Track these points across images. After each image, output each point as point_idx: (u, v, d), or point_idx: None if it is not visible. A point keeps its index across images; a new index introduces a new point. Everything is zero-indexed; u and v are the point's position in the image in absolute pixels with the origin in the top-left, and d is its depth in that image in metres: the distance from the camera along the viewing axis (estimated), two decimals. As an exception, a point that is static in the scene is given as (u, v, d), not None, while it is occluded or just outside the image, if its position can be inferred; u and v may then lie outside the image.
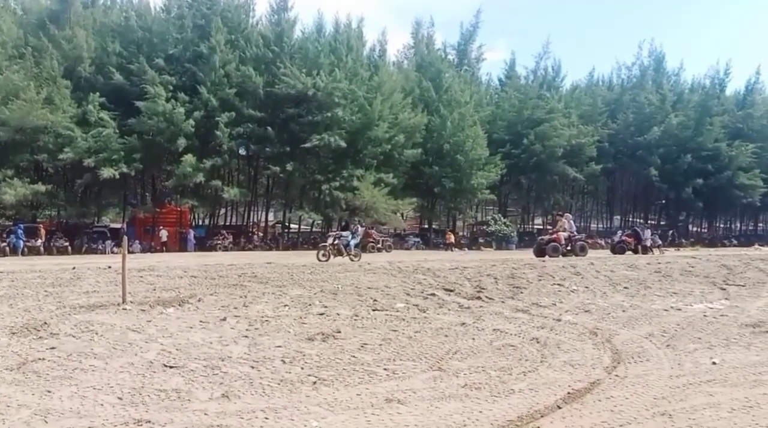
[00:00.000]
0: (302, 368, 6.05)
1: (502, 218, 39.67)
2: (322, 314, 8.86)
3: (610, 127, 43.20)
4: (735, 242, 43.41)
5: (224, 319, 8.24)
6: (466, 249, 35.98)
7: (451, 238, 36.08)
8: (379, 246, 30.81)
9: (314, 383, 5.54)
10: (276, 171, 32.65)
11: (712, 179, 42.65)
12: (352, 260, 18.20)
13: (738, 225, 53.79)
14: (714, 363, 6.69)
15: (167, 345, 6.80)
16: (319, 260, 18.04)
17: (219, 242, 31.66)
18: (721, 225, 52.36)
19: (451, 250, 32.96)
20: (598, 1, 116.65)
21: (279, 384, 5.49)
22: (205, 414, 4.66)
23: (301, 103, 32.28)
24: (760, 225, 54.49)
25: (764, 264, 15.93)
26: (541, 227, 41.01)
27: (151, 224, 32.86)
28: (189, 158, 29.61)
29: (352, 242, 19.80)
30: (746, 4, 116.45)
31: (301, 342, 7.18)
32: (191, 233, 32.42)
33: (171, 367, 5.93)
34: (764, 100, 50.36)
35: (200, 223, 38.65)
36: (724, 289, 12.63)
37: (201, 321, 8.10)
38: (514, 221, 43.76)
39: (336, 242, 19.58)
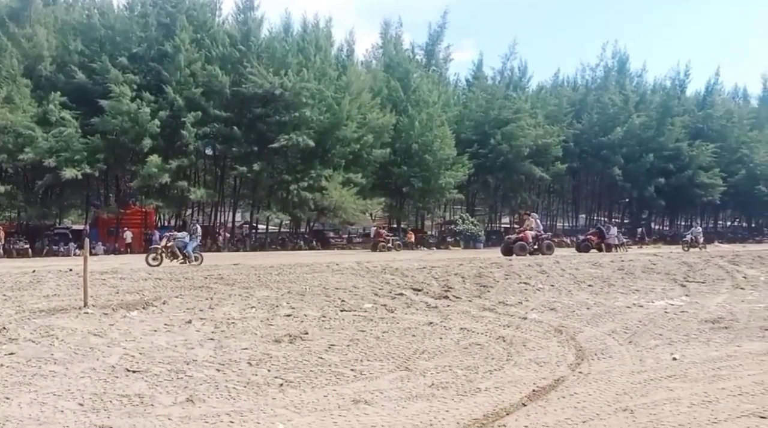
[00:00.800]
0: (269, 370, 6.01)
1: (469, 217, 39.99)
2: (289, 315, 8.81)
3: (575, 127, 43.89)
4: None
5: (189, 322, 8.13)
6: (434, 248, 36.18)
7: (412, 237, 36.15)
8: (389, 245, 31.21)
9: (281, 385, 5.51)
10: (243, 171, 32.37)
11: (674, 178, 43.65)
12: (189, 264, 16.13)
13: (698, 223, 55.08)
14: (674, 358, 6.84)
15: (130, 349, 6.68)
16: (149, 264, 15.94)
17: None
18: (683, 223, 53.55)
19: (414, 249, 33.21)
20: (563, 3, 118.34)
21: (245, 386, 5.44)
22: (169, 418, 4.59)
23: (268, 103, 32.07)
24: (720, 223, 55.92)
25: (723, 261, 16.36)
26: (509, 226, 41.41)
27: (115, 225, 32.27)
28: (154, 158, 29.16)
29: (191, 244, 17.12)
30: (706, 7, 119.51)
31: (267, 343, 7.12)
32: (157, 234, 31.88)
33: (134, 372, 5.82)
34: (723, 100, 51.77)
35: (166, 224, 38.06)
36: (685, 286, 12.93)
37: (165, 324, 7.98)
38: (482, 220, 44.17)
39: (170, 244, 16.91)
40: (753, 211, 52.11)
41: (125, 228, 31.25)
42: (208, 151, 35.10)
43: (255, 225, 38.94)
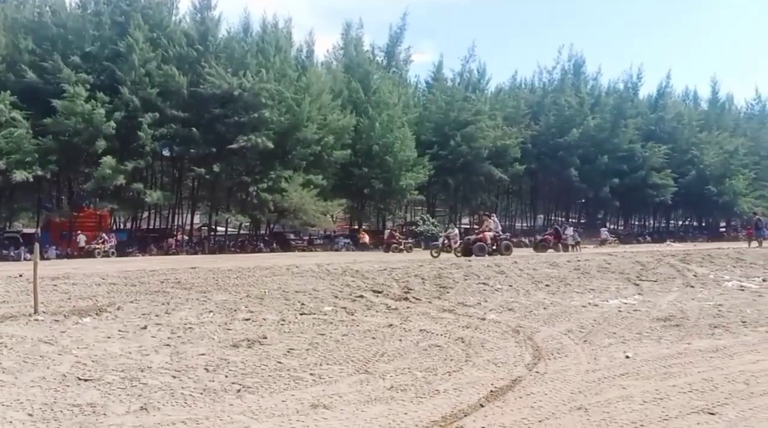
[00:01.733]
0: (226, 376, 5.93)
1: (430, 218, 40.25)
2: (247, 319, 8.70)
3: (533, 129, 44.56)
4: (648, 239, 45.68)
5: (145, 328, 7.96)
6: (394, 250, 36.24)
7: (365, 238, 36.11)
8: (401, 247, 31.22)
9: (238, 391, 5.44)
10: (201, 172, 31.93)
11: (628, 179, 44.73)
12: None
13: (651, 222, 56.61)
14: (627, 357, 7.00)
15: (82, 356, 6.51)
16: None
17: (98, 246, 28.95)
18: (636, 223, 54.96)
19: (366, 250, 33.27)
20: (520, 6, 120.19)
21: (201, 393, 5.35)
22: (122, 428, 4.49)
23: (227, 104, 31.68)
24: (672, 222, 57.53)
25: (675, 259, 16.82)
26: (468, 226, 41.78)
27: (67, 229, 31.40)
28: (108, 160, 28.50)
29: None
30: (658, 10, 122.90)
31: (225, 349, 7.03)
32: (112, 237, 31.17)
33: (86, 380, 5.67)
34: (674, 103, 53.30)
35: (121, 227, 37.24)
36: (638, 285, 13.24)
37: (120, 331, 7.80)
38: (442, 221, 44.46)
39: None
40: (703, 211, 53.73)
41: (78, 232, 30.44)
42: (165, 153, 34.51)
43: (214, 227, 38.42)
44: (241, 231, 38.74)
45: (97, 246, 28.79)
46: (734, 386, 5.79)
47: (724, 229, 54.33)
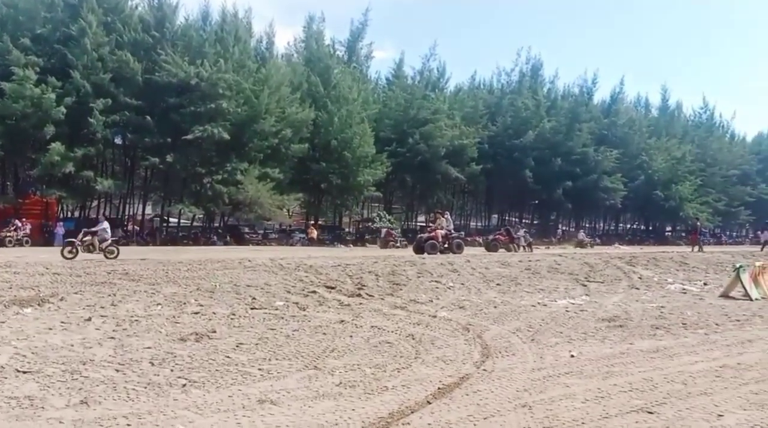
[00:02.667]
0: (172, 370, 5.84)
1: (387, 215, 40.32)
2: (197, 313, 8.58)
3: (490, 130, 45.01)
4: (598, 241, 46.81)
5: (89, 320, 7.76)
6: (351, 245, 36.25)
7: (313, 233, 35.89)
8: (398, 245, 32.40)
9: (184, 385, 5.36)
10: (155, 162, 31.16)
11: (580, 182, 45.65)
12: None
13: (601, 225, 58.02)
14: (572, 356, 7.17)
15: (22, 348, 6.31)
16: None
17: (9, 234, 26.67)
18: (587, 225, 56.21)
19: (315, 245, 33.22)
20: (482, 7, 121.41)
21: (145, 387, 5.26)
22: (61, 422, 4.38)
23: (183, 93, 31.01)
24: (621, 225, 59.09)
25: (621, 262, 17.33)
26: (425, 224, 42.04)
27: (12, 216, 30.25)
28: (57, 146, 27.57)
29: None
30: (614, 18, 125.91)
31: (172, 342, 6.92)
32: (59, 226, 30.21)
33: (24, 372, 5.51)
34: (626, 109, 54.69)
35: (69, 216, 36.11)
36: (586, 286, 13.59)
37: (62, 322, 7.58)
38: (399, 218, 44.62)
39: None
40: (650, 215, 55.31)
41: (23, 219, 29.37)
42: (118, 141, 33.59)
43: (166, 218, 37.63)
44: (195, 224, 38.05)
45: (8, 234, 26.79)
46: (673, 386, 5.99)
47: (669, 233, 56.08)
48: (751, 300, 12.64)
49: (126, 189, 34.44)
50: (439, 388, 5.61)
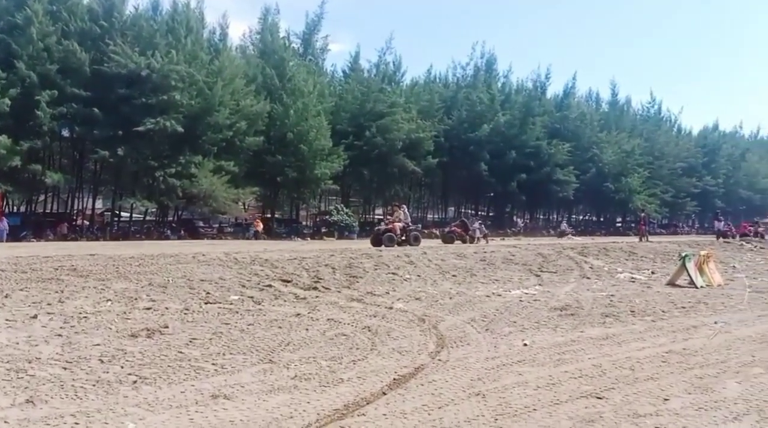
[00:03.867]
0: (122, 367, 5.71)
1: (344, 208, 40.21)
2: (148, 309, 8.40)
3: (446, 123, 45.33)
4: (552, 232, 47.74)
5: (35, 317, 7.51)
6: (308, 238, 36.04)
7: (259, 226, 35.25)
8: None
9: (134, 382, 5.25)
10: (105, 155, 30.30)
11: (534, 174, 46.40)
12: None
13: (555, 216, 59.17)
14: (525, 344, 7.31)
15: (-37, 348, 6.08)
16: None
17: None
18: (541, 217, 57.27)
19: (263, 239, 32.55)
20: (436, 1, 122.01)
21: (94, 385, 5.13)
22: (5, 422, 4.23)
23: (133, 84, 30.21)
24: (573, 216, 60.38)
25: (574, 252, 17.73)
26: (382, 217, 42.15)
27: (-47, 211, 29.07)
28: (3, 139, 26.56)
29: None
30: (567, 13, 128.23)
31: (123, 339, 6.76)
32: (4, 222, 29.13)
33: (-34, 373, 5.30)
34: (578, 103, 55.87)
35: (15, 211, 34.87)
36: (539, 276, 13.86)
37: (7, 320, 7.32)
38: (356, 211, 44.58)
39: None
40: (602, 206, 56.71)
41: None
42: (65, 133, 32.51)
43: (118, 212, 36.71)
44: (148, 218, 37.23)
45: None
46: (621, 371, 6.17)
47: (620, 224, 57.61)
48: (696, 287, 13.11)
49: (75, 183, 33.48)
50: (394, 379, 5.64)
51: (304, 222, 43.90)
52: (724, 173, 62.83)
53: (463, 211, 51.47)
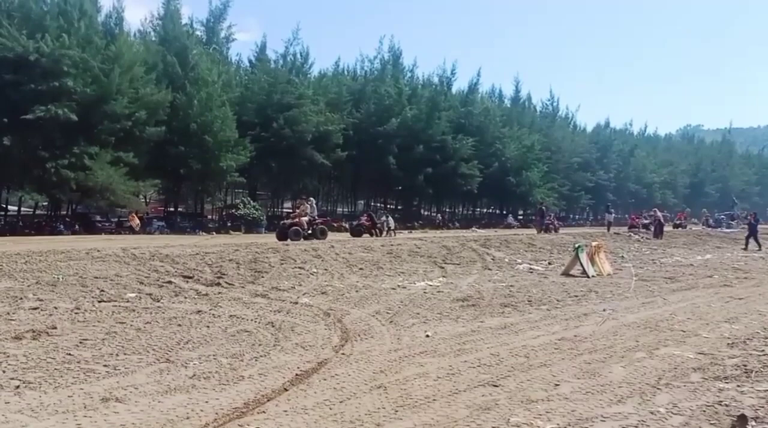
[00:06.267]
0: (4, 371, 5.35)
1: (251, 201, 39.41)
2: (35, 308, 7.90)
3: (355, 116, 45.38)
4: (457, 225, 48.95)
5: None
6: (214, 232, 35.08)
7: (135, 221, 33.76)
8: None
9: (17, 387, 4.93)
10: (-11, 144, 28.17)
11: (440, 168, 47.31)
12: None
13: (460, 209, 60.74)
14: (427, 335, 7.47)
15: None
16: None
17: None
18: (447, 210, 58.59)
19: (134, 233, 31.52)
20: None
21: (-29, 392, 4.77)
22: None
23: (20, 69, 28.17)
24: (478, 210, 62.24)
25: (477, 244, 18.27)
26: (291, 210, 41.71)
27: None
28: None
29: None
30: (472, 13, 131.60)
31: (5, 341, 6.33)
32: None
33: None
34: (482, 99, 57.54)
35: None
36: (443, 268, 14.19)
37: None
38: (264, 205, 43.84)
39: None
40: (504, 199, 58.73)
41: None
42: (-56, 120, 29.93)
43: (4, 206, 34.22)
44: (39, 212, 34.94)
45: None
46: (517, 359, 6.43)
47: (521, 217, 59.94)
48: (588, 277, 13.88)
49: (-45, 174, 30.91)
50: (296, 374, 5.61)
51: (209, 217, 42.67)
52: (615, 168, 66.78)
53: (372, 203, 51.80)
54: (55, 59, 28.11)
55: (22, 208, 34.87)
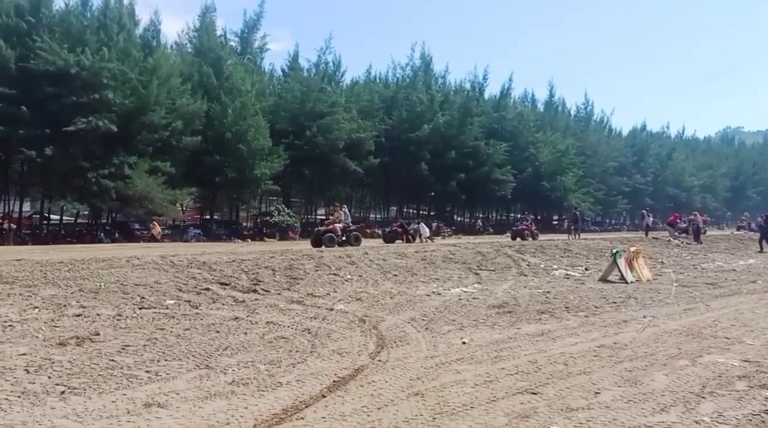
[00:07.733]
0: (49, 377, 5.47)
1: (285, 209, 39.83)
2: (79, 315, 8.09)
3: (387, 123, 45.57)
4: (491, 231, 48.64)
5: (-45, 327, 7.13)
6: (249, 240, 35.51)
7: (156, 229, 33.79)
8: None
9: (62, 392, 5.04)
10: (32, 155, 29.00)
11: (473, 174, 47.16)
12: None
13: (494, 215, 60.32)
14: (464, 342, 7.40)
15: None
16: None
17: None
18: (480, 216, 58.26)
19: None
20: (376, 1, 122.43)
21: (19, 397, 4.89)
22: None
23: (62, 82, 29.04)
24: (512, 215, 61.72)
25: (511, 250, 18.10)
26: (324, 217, 42.00)
27: None
28: None
29: None
30: (504, 18, 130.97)
31: (50, 347, 6.48)
32: None
33: None
34: (515, 104, 57.19)
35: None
36: (478, 274, 14.08)
37: (-77, 332, 6.92)
38: (298, 212, 44.24)
39: None
40: (538, 205, 58.13)
41: None
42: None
43: (47, 215, 35.21)
44: (80, 221, 35.85)
45: None
46: (555, 367, 6.32)
47: (556, 222, 59.22)
48: (627, 283, 13.61)
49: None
50: (334, 381, 5.61)
51: (244, 224, 43.23)
52: (652, 172, 65.65)
53: (405, 210, 51.82)
54: (95, 72, 28.91)
55: (64, 217, 35.84)
